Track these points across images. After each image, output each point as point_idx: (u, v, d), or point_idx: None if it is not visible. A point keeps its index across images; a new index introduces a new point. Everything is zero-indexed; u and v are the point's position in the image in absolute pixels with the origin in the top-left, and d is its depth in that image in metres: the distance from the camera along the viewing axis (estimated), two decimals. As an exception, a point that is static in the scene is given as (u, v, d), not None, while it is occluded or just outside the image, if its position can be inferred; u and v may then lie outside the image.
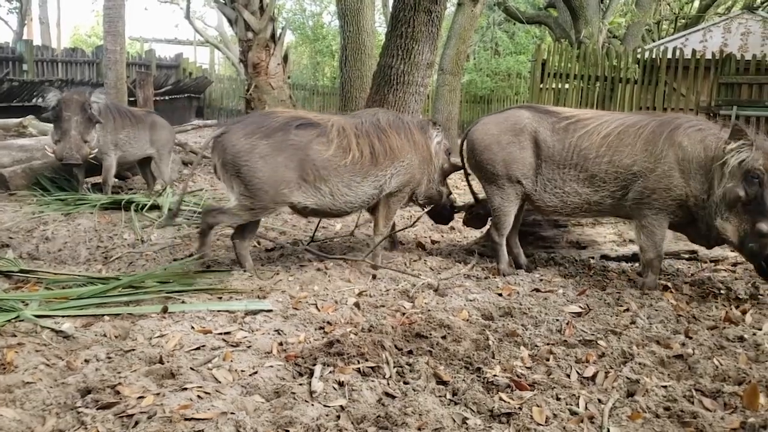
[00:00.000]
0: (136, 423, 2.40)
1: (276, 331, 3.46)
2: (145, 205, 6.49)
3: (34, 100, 14.74)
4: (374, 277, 4.62)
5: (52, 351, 3.09)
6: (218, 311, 3.72)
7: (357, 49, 12.90)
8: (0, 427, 2.31)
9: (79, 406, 2.53)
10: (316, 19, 32.87)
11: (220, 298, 4.02)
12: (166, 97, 18.98)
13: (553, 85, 14.79)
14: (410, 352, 3.22)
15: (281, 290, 4.16)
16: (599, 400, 2.76)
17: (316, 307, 3.89)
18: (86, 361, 2.99)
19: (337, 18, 14.72)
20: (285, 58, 11.32)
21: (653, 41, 23.93)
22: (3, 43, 17.97)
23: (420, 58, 10.42)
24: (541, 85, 14.72)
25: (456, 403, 2.71)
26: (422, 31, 10.25)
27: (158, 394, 2.64)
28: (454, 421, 2.56)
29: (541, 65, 14.67)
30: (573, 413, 2.65)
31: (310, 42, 31.52)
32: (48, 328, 3.32)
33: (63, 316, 3.53)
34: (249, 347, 3.24)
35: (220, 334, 3.40)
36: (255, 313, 3.72)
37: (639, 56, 14.72)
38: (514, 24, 26.91)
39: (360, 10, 12.79)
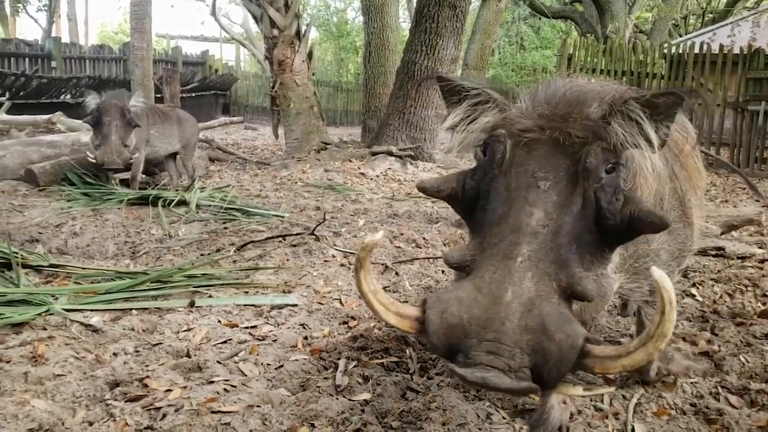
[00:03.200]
0: (164, 416, 2.44)
1: (301, 325, 3.49)
2: (173, 200, 6.56)
3: (62, 97, 14.95)
4: (397, 273, 4.63)
5: (82, 344, 3.13)
6: (245, 305, 3.77)
7: (381, 45, 12.91)
8: (33, 417, 2.36)
9: (108, 399, 2.57)
10: (341, 15, 32.93)
11: (247, 292, 4.05)
12: (193, 94, 19.12)
13: (579, 80, 14.67)
14: (434, 347, 3.23)
15: (306, 285, 4.19)
16: (624, 397, 2.75)
17: (340, 302, 3.91)
18: (114, 354, 3.03)
19: (361, 14, 14.73)
20: (310, 55, 11.35)
21: (680, 36, 23.67)
22: (32, 41, 18.21)
23: (444, 53, 10.44)
24: (567, 80, 14.60)
25: (480, 399, 2.71)
26: (446, 27, 10.26)
27: (185, 387, 2.67)
28: (479, 416, 2.56)
29: (567, 60, 14.53)
30: (597, 409, 2.64)
31: (335, 38, 31.58)
32: (77, 321, 3.36)
33: (92, 310, 3.57)
34: (275, 341, 3.27)
35: (247, 328, 3.43)
36: (281, 307, 3.75)
37: (666, 51, 14.53)
38: (540, 18, 26.76)
39: (384, 6, 12.80)
